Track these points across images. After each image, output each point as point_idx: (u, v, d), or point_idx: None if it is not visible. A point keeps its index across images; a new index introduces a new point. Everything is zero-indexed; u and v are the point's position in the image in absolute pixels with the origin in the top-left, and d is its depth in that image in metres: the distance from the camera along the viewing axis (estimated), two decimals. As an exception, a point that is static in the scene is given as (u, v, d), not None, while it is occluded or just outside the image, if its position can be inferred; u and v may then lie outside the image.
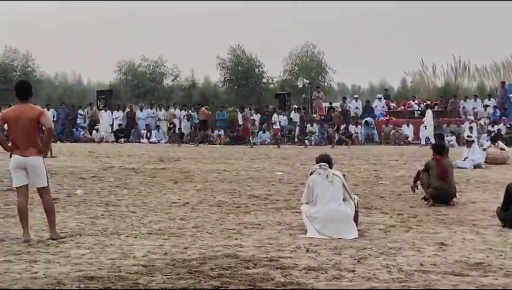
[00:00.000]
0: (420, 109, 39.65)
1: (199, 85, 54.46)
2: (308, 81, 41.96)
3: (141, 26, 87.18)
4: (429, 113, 35.35)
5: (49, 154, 19.64)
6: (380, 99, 40.88)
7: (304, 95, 42.39)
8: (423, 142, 34.01)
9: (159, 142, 37.27)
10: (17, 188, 9.21)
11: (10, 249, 8.42)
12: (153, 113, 40.12)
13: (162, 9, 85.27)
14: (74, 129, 39.22)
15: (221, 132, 37.47)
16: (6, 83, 50.49)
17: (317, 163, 10.12)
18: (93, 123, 39.80)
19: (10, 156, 9.17)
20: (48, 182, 9.28)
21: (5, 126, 9.26)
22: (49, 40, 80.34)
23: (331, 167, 10.04)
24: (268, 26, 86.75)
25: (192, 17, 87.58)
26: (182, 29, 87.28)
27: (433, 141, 33.17)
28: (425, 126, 34.66)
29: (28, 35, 76.84)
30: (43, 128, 9.28)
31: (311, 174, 10.04)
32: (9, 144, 9.15)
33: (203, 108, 37.86)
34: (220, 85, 53.01)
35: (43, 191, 9.26)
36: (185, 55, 74.79)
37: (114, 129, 39.21)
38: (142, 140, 37.69)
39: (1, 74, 51.58)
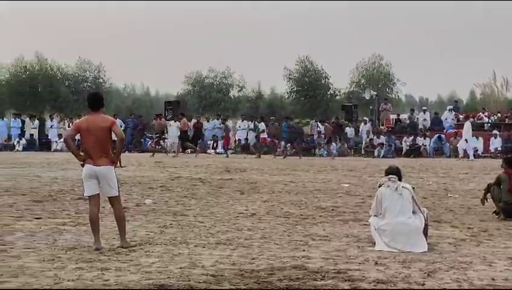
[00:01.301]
0: (490, 121, 39.02)
1: (265, 96, 54.66)
2: (375, 93, 41.72)
3: (209, 37, 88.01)
4: (467, 124, 34.90)
5: (118, 164, 19.94)
6: (450, 110, 40.36)
7: (371, 107, 42.16)
8: (461, 154, 33.70)
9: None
10: (89, 197, 9.36)
11: (82, 256, 8.57)
12: (220, 124, 40.35)
13: (229, 21, 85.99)
14: (142, 139, 39.71)
15: (288, 144, 37.41)
16: (77, 94, 51.51)
17: (386, 175, 10.03)
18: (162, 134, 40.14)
19: (82, 166, 9.33)
20: (119, 192, 9.42)
21: (77, 136, 9.46)
22: (119, 52, 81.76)
23: (400, 180, 9.95)
24: (336, 38, 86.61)
25: (259, 28, 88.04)
26: (249, 40, 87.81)
27: (471, 154, 32.88)
28: (465, 139, 34.22)
29: (99, 47, 78.34)
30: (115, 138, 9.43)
31: (379, 186, 9.96)
32: (81, 154, 9.32)
33: (183, 118, 35.83)
34: (287, 96, 53.10)
35: (114, 201, 9.41)
36: (252, 66, 75.26)
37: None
38: (208, 151, 37.94)
39: (73, 84, 52.57)
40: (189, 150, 35.49)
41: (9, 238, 9.82)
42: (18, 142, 39.58)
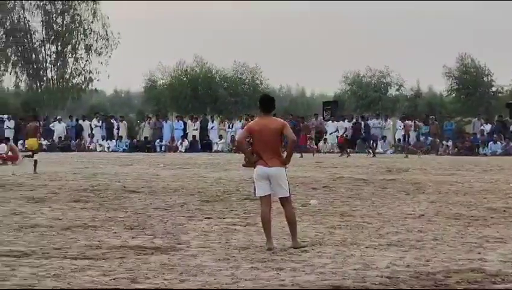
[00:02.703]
0: None
1: (424, 95, 53.65)
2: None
3: (366, 37, 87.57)
4: None
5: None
6: None
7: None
8: None
9: (385, 153, 37.09)
10: (260, 197, 9.50)
11: (255, 256, 8.71)
12: (379, 124, 39.96)
13: (386, 19, 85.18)
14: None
15: (450, 143, 36.60)
16: (235, 96, 52.48)
17: None
18: (318, 134, 40.24)
19: (254, 167, 9.50)
20: (289, 192, 9.52)
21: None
22: (274, 53, 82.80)
23: None
24: (499, 33, 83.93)
25: (418, 26, 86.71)
26: (408, 39, 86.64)
27: None
28: None
29: (255, 49, 79.66)
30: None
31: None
32: (253, 156, 9.48)
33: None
34: (446, 94, 51.89)
35: (285, 201, 9.51)
36: (410, 65, 74.16)
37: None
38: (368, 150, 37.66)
39: (231, 87, 53.60)
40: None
41: (184, 238, 10.12)
42: (181, 143, 40.82)
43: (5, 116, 43.62)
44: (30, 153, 23.40)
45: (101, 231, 10.75)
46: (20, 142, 38.31)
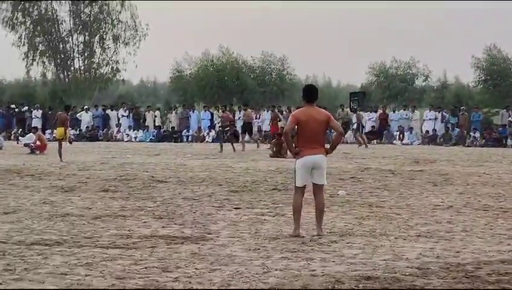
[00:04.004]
0: None
1: (451, 85, 53.34)
2: None
3: (392, 28, 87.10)
4: None
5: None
6: None
7: None
8: None
9: (411, 144, 36.93)
10: (298, 187, 9.60)
11: (286, 246, 8.74)
12: (406, 115, 39.74)
13: (413, 9, 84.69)
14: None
15: (477, 134, 36.35)
16: (263, 86, 52.55)
17: None
18: (345, 125, 40.09)
19: (294, 157, 9.66)
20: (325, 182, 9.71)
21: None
22: (301, 44, 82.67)
23: None
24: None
25: (446, 17, 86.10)
26: (435, 29, 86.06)
27: None
28: None
29: (283, 39, 79.57)
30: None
31: None
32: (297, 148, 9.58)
33: (248, 110, 34.15)
34: (473, 85, 51.55)
35: (320, 190, 9.69)
36: (437, 55, 73.68)
37: (366, 131, 39.35)
38: (394, 142, 37.54)
39: (259, 77, 53.64)
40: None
41: (214, 228, 10.18)
42: (208, 133, 40.89)
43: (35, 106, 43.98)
44: (69, 140, 23.71)
45: (131, 221, 10.84)
46: (48, 131, 38.64)
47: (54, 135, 30.84)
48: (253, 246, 8.73)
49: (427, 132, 38.44)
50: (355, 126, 35.95)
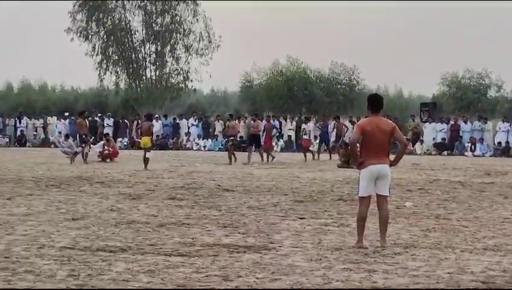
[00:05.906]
0: None
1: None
2: None
3: (464, 38, 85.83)
4: None
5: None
6: None
7: None
8: None
9: (483, 155, 36.26)
10: (362, 197, 9.53)
11: (348, 257, 8.66)
12: (479, 126, 39.02)
13: (486, 19, 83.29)
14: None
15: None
16: (330, 96, 52.40)
17: None
18: (416, 136, 39.63)
19: (357, 168, 9.62)
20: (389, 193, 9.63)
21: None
22: (372, 54, 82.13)
23: None
24: None
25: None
26: (507, 39, 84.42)
27: None
28: None
29: (353, 49, 79.21)
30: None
31: None
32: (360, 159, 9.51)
33: (231, 121, 30.95)
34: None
35: (384, 201, 9.59)
36: (510, 65, 72.21)
37: (437, 142, 38.81)
38: (466, 153, 36.88)
39: (326, 87, 53.51)
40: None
41: (277, 237, 10.15)
42: (276, 143, 40.89)
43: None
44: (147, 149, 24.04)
45: (195, 229, 10.89)
46: (119, 139, 39.21)
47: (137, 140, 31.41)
48: (315, 257, 8.67)
49: (500, 143, 37.69)
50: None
